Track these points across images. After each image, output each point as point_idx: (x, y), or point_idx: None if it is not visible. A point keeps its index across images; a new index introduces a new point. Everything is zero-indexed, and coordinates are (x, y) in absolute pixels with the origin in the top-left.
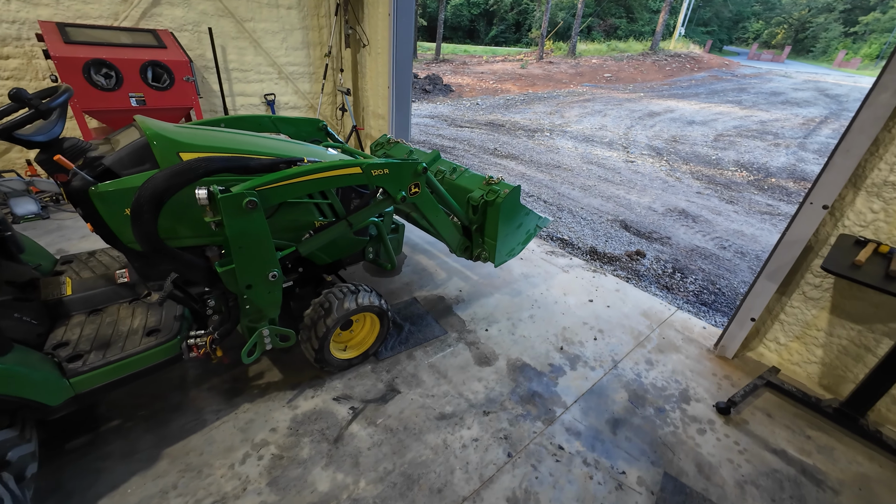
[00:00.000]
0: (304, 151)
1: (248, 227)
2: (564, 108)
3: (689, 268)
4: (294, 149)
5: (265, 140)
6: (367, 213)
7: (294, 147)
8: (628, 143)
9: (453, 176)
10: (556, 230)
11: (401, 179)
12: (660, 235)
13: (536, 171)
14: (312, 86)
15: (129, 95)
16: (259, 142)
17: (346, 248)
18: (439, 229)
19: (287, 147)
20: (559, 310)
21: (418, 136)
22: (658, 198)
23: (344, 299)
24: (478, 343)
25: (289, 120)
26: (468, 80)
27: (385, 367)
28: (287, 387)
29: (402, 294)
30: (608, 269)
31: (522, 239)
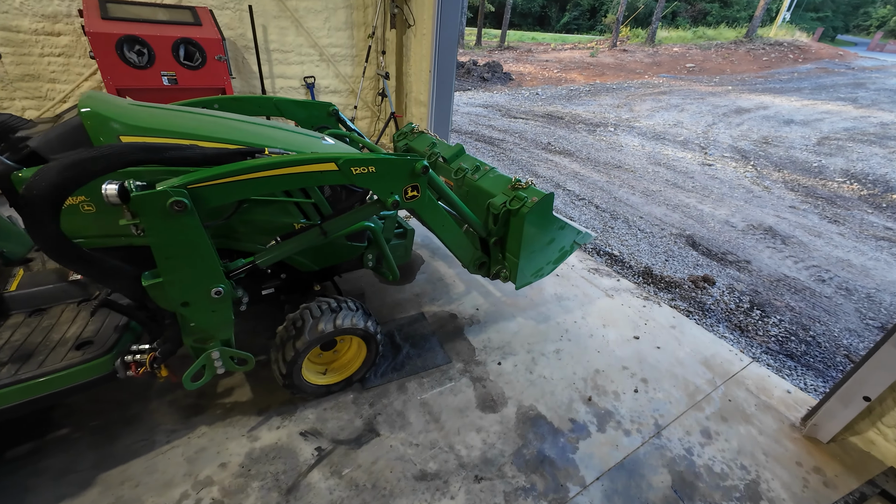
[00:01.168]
0: (282, 140)
1: (176, 233)
2: (634, 101)
3: (773, 304)
4: (268, 136)
5: (239, 125)
6: (347, 219)
7: (270, 134)
8: (707, 142)
9: (475, 176)
10: (606, 242)
11: (392, 180)
12: (736, 258)
13: (592, 171)
14: (354, 69)
15: (161, 73)
16: (229, 126)
17: (337, 255)
18: (446, 241)
19: (261, 134)
20: (594, 346)
21: (467, 127)
22: (738, 210)
23: (320, 319)
24: (485, 379)
25: (295, 103)
26: (530, 69)
27: (369, 399)
28: (254, 410)
29: (409, 307)
30: (664, 298)
31: (554, 257)
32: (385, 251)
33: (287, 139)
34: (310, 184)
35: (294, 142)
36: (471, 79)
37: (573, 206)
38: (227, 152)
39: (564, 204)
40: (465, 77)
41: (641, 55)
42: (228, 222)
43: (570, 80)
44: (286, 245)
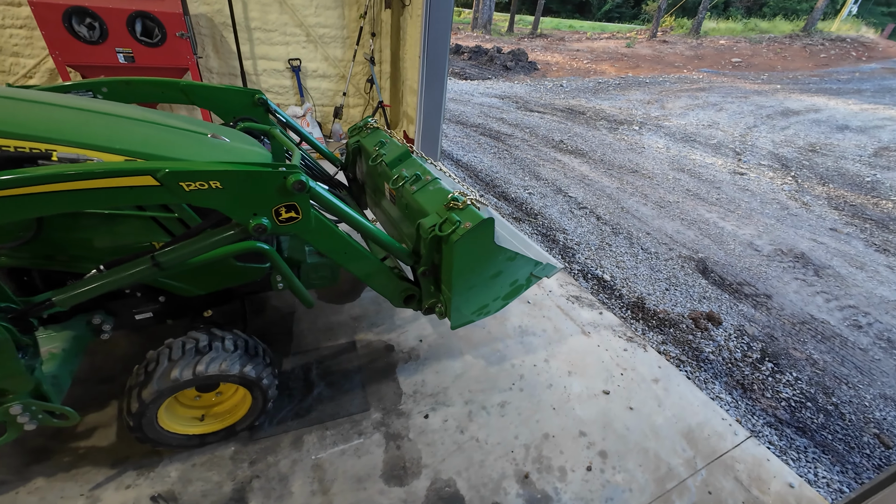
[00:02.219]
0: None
1: None
2: (668, 98)
3: (791, 355)
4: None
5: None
6: (190, 250)
7: (131, 132)
8: (743, 147)
9: (413, 187)
10: (598, 263)
11: (252, 198)
12: (754, 291)
13: (603, 175)
14: (345, 52)
15: (115, 50)
16: (76, 122)
17: (227, 278)
18: (354, 272)
19: (119, 132)
20: (551, 400)
21: (475, 119)
22: (767, 230)
23: (177, 363)
24: (403, 438)
25: (209, 89)
26: (558, 59)
27: (253, 454)
28: (109, 460)
29: (342, 333)
30: (653, 340)
31: (504, 292)
32: (287, 276)
33: (143, 137)
34: (119, 202)
35: (150, 141)
36: (493, 67)
37: (571, 215)
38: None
39: (561, 213)
40: (487, 65)
41: (682, 47)
42: (49, 239)
43: (600, 72)
44: (105, 279)
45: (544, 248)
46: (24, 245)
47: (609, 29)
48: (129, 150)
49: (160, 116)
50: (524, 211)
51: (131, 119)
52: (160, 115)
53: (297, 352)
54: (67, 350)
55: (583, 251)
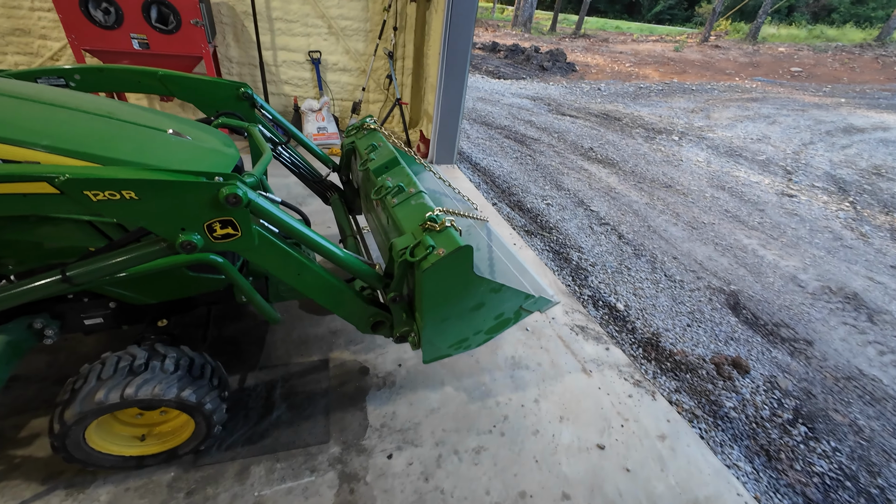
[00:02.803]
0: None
1: None
2: (715, 107)
3: (831, 419)
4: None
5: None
6: (108, 263)
7: (83, 127)
8: (796, 166)
9: (394, 200)
10: (612, 289)
11: (174, 212)
12: (793, 334)
13: (632, 188)
14: (367, 46)
15: (130, 36)
16: (23, 114)
17: (180, 289)
18: (313, 297)
19: (69, 126)
20: (534, 450)
21: (502, 121)
22: (815, 263)
23: (104, 383)
24: (360, 480)
25: (189, 80)
26: (599, 60)
27: (191, 483)
28: (41, 475)
29: (316, 349)
30: (664, 387)
31: (487, 326)
32: (245, 290)
33: (86, 133)
34: (14, 211)
35: (91, 138)
36: (529, 67)
37: (589, 231)
38: None
39: (579, 228)
40: (522, 65)
41: (736, 53)
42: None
43: (643, 77)
44: (7, 293)
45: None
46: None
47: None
48: (64, 149)
49: (119, 108)
50: (538, 224)
51: (80, 111)
52: (120, 107)
53: (265, 366)
54: None
55: (597, 274)
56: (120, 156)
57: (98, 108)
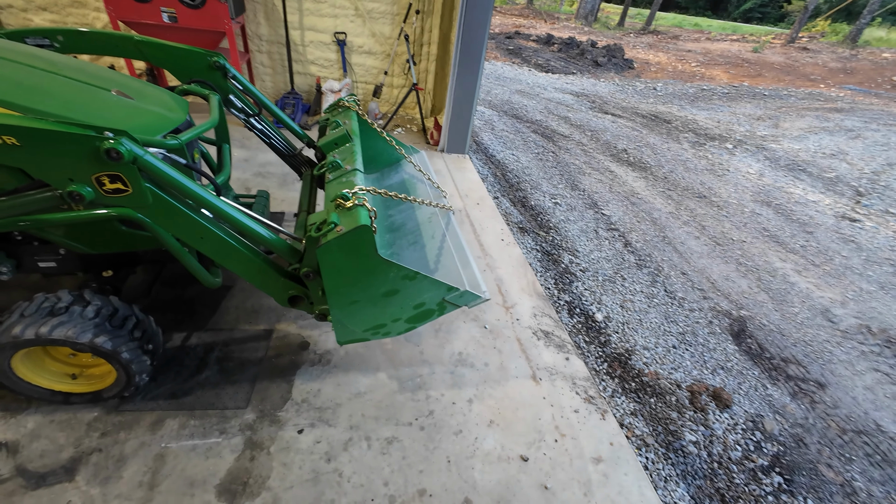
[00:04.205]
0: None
1: None
2: (786, 115)
3: (818, 472)
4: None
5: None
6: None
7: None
8: (871, 188)
9: (329, 176)
10: (598, 298)
11: (57, 162)
12: (803, 373)
13: (658, 195)
14: (393, 29)
15: (160, 9)
16: None
17: (114, 242)
18: (221, 263)
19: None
20: (450, 450)
21: (535, 115)
22: (859, 298)
23: (24, 319)
24: (263, 449)
25: (162, 47)
26: (661, 58)
27: (107, 426)
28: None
29: (263, 319)
30: (620, 408)
31: (407, 315)
32: (175, 250)
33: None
34: None
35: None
36: (581, 62)
37: (593, 236)
38: None
39: (581, 231)
40: (575, 59)
41: (827, 57)
42: None
43: (708, 78)
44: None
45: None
46: None
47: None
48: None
49: (70, 64)
50: (537, 222)
51: (27, 66)
52: (71, 63)
53: (211, 328)
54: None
55: (585, 280)
56: (43, 108)
57: (50, 66)
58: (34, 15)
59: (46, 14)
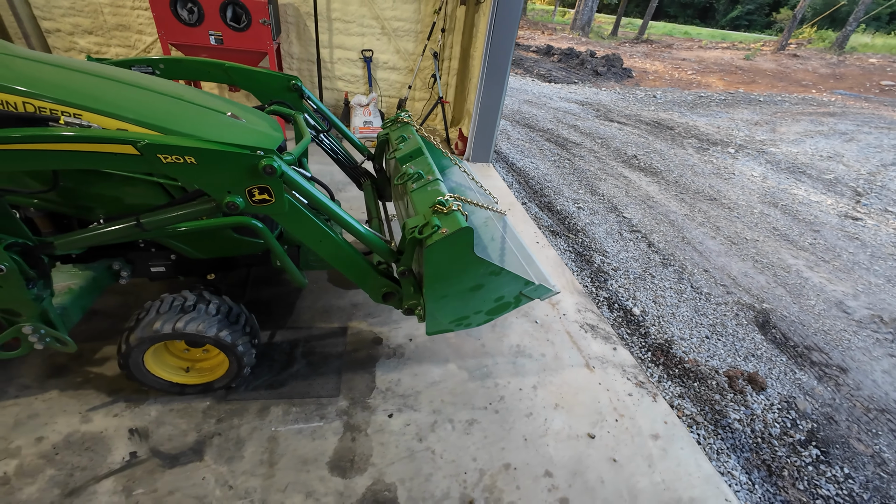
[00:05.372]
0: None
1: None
2: (782, 120)
3: (850, 446)
4: (144, 106)
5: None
6: (170, 216)
7: (150, 104)
8: (869, 188)
9: (413, 185)
10: (632, 294)
11: (225, 177)
12: (826, 360)
13: (672, 199)
14: (416, 46)
15: (208, 33)
16: (105, 90)
17: (225, 248)
18: (331, 263)
19: (140, 104)
20: (525, 429)
21: (545, 124)
22: (869, 290)
23: (161, 316)
24: (361, 431)
25: (249, 72)
26: (658, 67)
27: (221, 413)
28: (108, 388)
29: (337, 317)
30: (668, 391)
31: (488, 307)
32: (278, 254)
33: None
34: (102, 166)
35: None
36: (582, 71)
37: (618, 237)
38: (3, 115)
39: (607, 233)
40: (576, 69)
41: (817, 63)
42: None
43: (704, 85)
44: (95, 234)
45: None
46: (44, 193)
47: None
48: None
49: (189, 93)
50: (565, 225)
51: (158, 93)
52: (190, 92)
53: (291, 326)
54: (83, 288)
55: (618, 278)
56: (180, 129)
57: (173, 92)
58: (80, 38)
59: (91, 37)
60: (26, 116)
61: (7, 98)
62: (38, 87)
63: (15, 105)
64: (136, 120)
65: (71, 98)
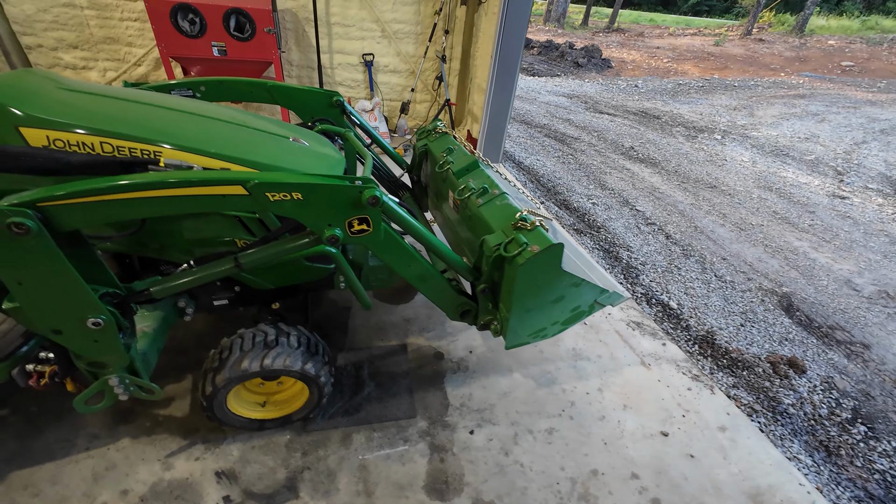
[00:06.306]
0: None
1: (20, 259)
2: (759, 104)
3: (891, 419)
4: (217, 137)
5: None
6: (269, 253)
7: (221, 134)
8: (847, 166)
9: (479, 200)
10: (664, 288)
11: (328, 210)
12: (849, 337)
13: (676, 188)
14: (417, 48)
15: (211, 44)
16: (170, 123)
17: (296, 275)
18: (415, 285)
19: (208, 133)
20: (602, 434)
21: (540, 119)
22: (870, 267)
23: (247, 354)
24: (447, 451)
25: (291, 90)
26: (635, 56)
27: (305, 445)
28: (182, 430)
29: (393, 334)
30: (722, 382)
31: (564, 318)
32: (351, 280)
33: (236, 140)
34: (210, 209)
35: (241, 145)
36: (563, 63)
37: (637, 231)
38: (101, 161)
39: (626, 228)
40: (557, 61)
41: (782, 47)
42: (147, 232)
43: (681, 73)
44: (193, 274)
45: (606, 267)
46: (131, 236)
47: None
48: (224, 155)
49: (247, 118)
50: (586, 223)
51: (223, 121)
52: (247, 117)
53: (351, 348)
54: (156, 329)
55: (648, 273)
56: (262, 160)
57: (234, 119)
58: (64, 53)
59: (77, 52)
60: (127, 161)
61: (82, 139)
62: (109, 124)
63: (92, 146)
64: (217, 154)
65: (146, 134)
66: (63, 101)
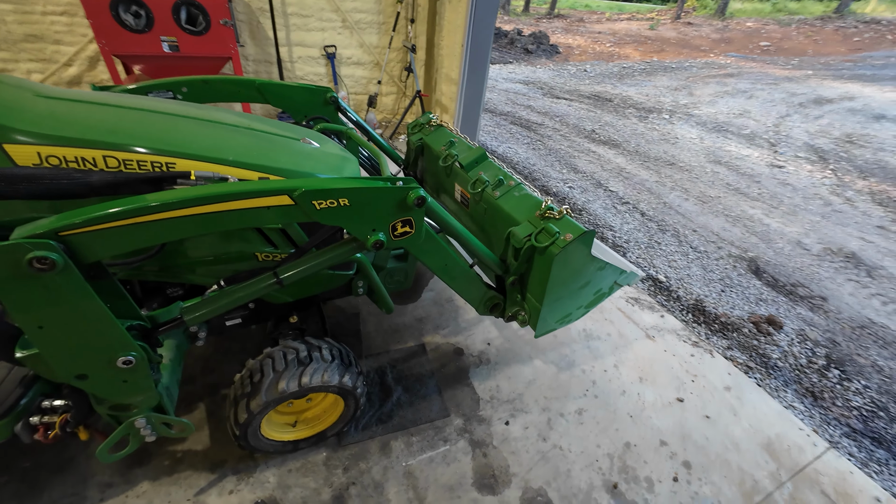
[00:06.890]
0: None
1: (44, 299)
2: (696, 84)
3: (855, 361)
4: (225, 143)
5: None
6: (310, 265)
7: (228, 140)
8: (778, 138)
9: (496, 192)
10: (651, 263)
11: (374, 214)
12: (809, 292)
13: (640, 167)
14: (380, 38)
15: (160, 39)
16: (170, 129)
17: (318, 285)
18: (449, 283)
19: (215, 139)
20: (626, 408)
21: (503, 107)
22: (814, 228)
23: (282, 374)
24: (488, 445)
25: (283, 87)
26: (580, 41)
27: (344, 461)
28: (207, 464)
29: (409, 335)
30: (718, 345)
31: (587, 301)
32: (376, 284)
33: (250, 146)
34: (253, 224)
35: (258, 151)
36: (514, 50)
37: (615, 211)
38: (125, 179)
39: (605, 209)
40: (507, 48)
41: (708, 30)
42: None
43: (624, 56)
44: (229, 296)
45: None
46: (148, 260)
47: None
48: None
49: (251, 121)
50: (569, 206)
51: (230, 126)
52: (249, 119)
53: (369, 354)
54: (173, 360)
55: (633, 250)
56: (283, 165)
57: (238, 122)
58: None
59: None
60: (154, 177)
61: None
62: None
63: (94, 161)
64: (236, 162)
65: (156, 145)
66: (49, 111)
